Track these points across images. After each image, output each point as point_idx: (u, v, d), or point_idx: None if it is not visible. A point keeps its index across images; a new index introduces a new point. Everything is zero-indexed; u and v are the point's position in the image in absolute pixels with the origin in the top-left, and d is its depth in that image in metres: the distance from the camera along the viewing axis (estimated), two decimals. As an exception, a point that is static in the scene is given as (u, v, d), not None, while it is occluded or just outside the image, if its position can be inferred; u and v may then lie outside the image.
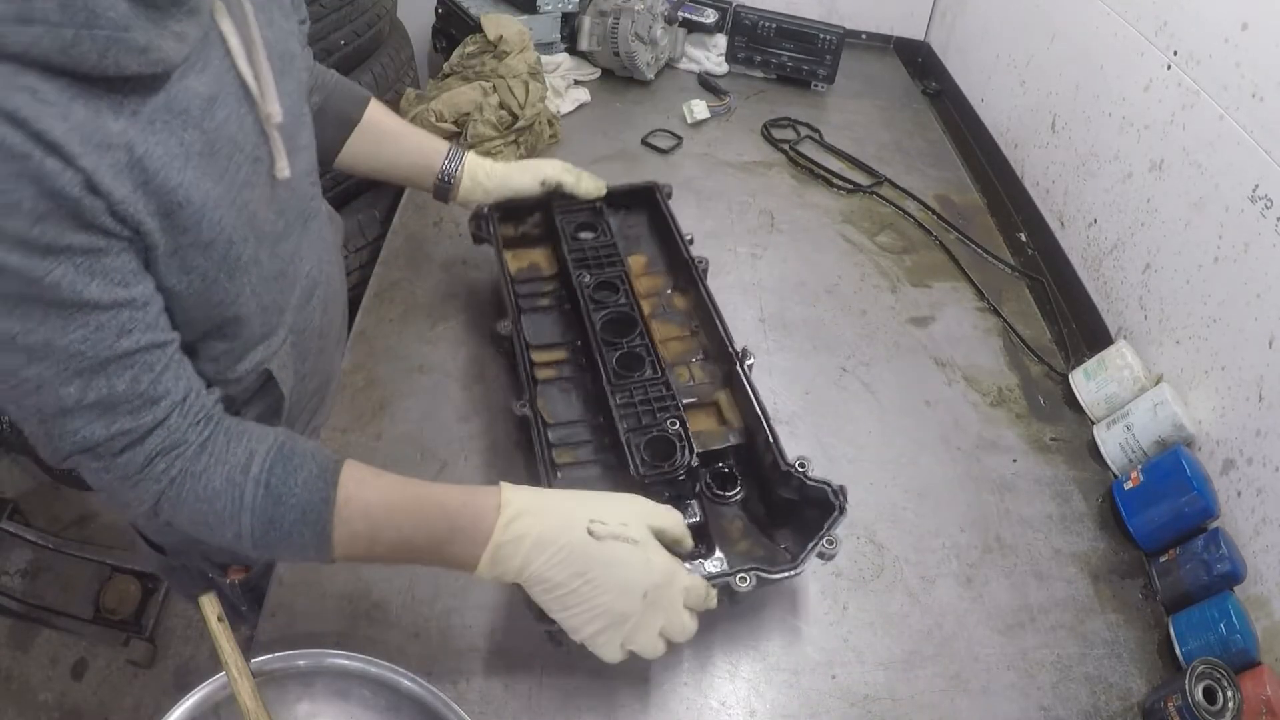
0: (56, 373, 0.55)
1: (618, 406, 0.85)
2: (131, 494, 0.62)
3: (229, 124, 0.62)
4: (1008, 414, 1.10)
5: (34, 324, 0.52)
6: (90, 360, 0.55)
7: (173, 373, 0.62)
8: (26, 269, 0.50)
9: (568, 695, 0.76)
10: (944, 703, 0.80)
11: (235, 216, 0.63)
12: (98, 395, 0.57)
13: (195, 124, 0.59)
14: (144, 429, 0.60)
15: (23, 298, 0.51)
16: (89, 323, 0.54)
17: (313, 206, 0.81)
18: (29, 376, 0.54)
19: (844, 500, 0.79)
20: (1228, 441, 0.94)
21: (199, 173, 0.59)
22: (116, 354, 0.56)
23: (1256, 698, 0.75)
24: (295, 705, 0.70)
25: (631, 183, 1.15)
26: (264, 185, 0.67)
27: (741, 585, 0.74)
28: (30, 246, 0.50)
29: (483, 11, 1.53)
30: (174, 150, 0.57)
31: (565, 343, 0.99)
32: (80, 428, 0.57)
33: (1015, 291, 1.31)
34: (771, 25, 1.69)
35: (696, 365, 0.98)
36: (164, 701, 1.37)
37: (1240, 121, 0.97)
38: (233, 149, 0.62)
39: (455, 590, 0.83)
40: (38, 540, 1.73)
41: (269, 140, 0.67)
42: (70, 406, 0.56)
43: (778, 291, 1.23)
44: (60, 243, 0.51)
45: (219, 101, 0.61)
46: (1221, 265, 0.98)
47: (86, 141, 0.50)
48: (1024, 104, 1.51)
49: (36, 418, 0.57)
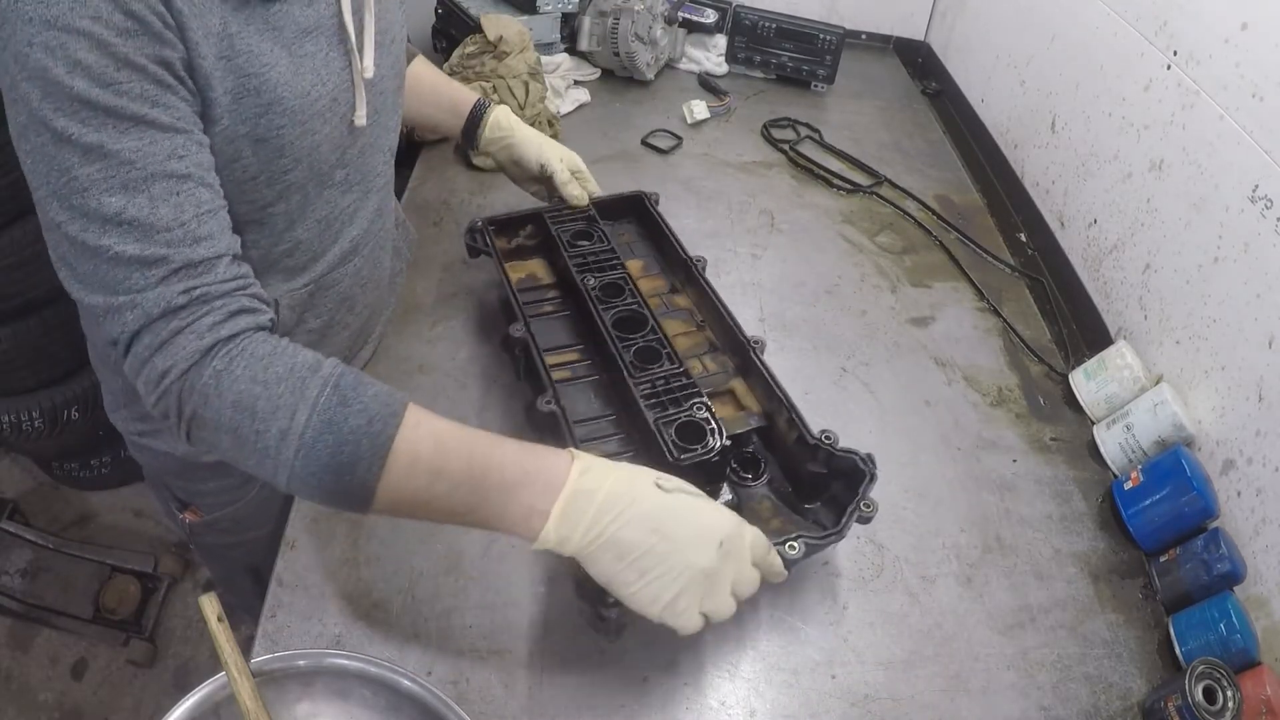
0: (105, 177, 0.56)
1: (642, 397, 0.86)
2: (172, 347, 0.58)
3: (315, 58, 0.67)
4: (1008, 414, 1.10)
5: (94, 126, 0.55)
6: (138, 173, 0.57)
7: (218, 222, 0.62)
8: (99, 71, 0.54)
9: (568, 695, 0.76)
10: (944, 703, 0.80)
11: (296, 133, 0.67)
12: (138, 212, 0.57)
13: (285, 45, 0.65)
14: (180, 262, 0.59)
15: (88, 99, 0.54)
16: (144, 136, 0.57)
17: (379, 183, 0.86)
18: (79, 175, 0.56)
19: (873, 467, 0.81)
20: (1228, 441, 0.94)
21: (279, 78, 0.64)
22: (165, 173, 0.58)
23: (1256, 698, 0.75)
24: (295, 705, 0.70)
25: (619, 192, 1.16)
26: (336, 127, 0.72)
27: (791, 553, 0.74)
28: (110, 53, 0.54)
29: (483, 11, 1.53)
30: (262, 50, 0.62)
31: (575, 345, 0.99)
32: (114, 243, 0.57)
33: (1015, 291, 1.31)
34: (771, 25, 1.69)
35: (707, 358, 0.99)
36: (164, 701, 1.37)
37: (1240, 121, 0.97)
38: (315, 79, 0.68)
39: (455, 590, 0.83)
40: (38, 540, 1.73)
41: (354, 89, 0.72)
42: (110, 216, 0.57)
43: (778, 291, 1.23)
44: (135, 60, 0.55)
45: (312, 36, 0.67)
46: (1221, 265, 0.98)
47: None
48: (1024, 104, 1.51)
49: (78, 227, 0.57)
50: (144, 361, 0.60)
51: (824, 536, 0.77)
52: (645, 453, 0.86)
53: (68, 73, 0.53)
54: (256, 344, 0.61)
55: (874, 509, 0.79)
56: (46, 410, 1.63)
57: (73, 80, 0.53)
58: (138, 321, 0.59)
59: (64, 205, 0.57)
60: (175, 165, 0.58)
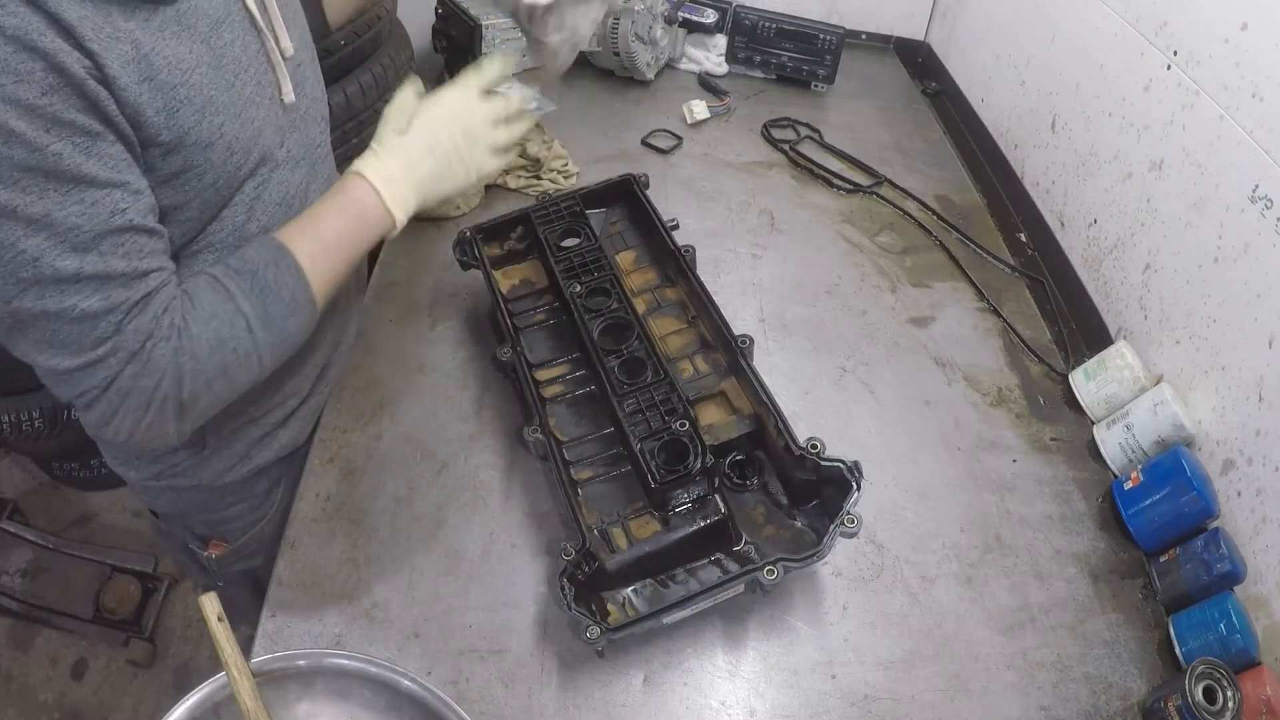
0: (54, 244, 0.58)
1: (626, 416, 0.85)
2: (149, 378, 0.64)
3: (234, 46, 0.69)
4: (1008, 414, 1.10)
5: (35, 195, 0.56)
6: (86, 234, 0.59)
7: (162, 255, 0.66)
8: (33, 137, 0.54)
9: (567, 695, 0.76)
10: (944, 703, 0.80)
11: (239, 127, 0.69)
12: (94, 269, 0.60)
13: (203, 39, 0.65)
14: (136, 299, 0.63)
15: (27, 167, 0.55)
16: (85, 198, 0.58)
17: (320, 153, 0.88)
18: (27, 248, 0.57)
19: (859, 476, 0.80)
20: (1228, 441, 0.94)
21: (204, 79, 0.65)
22: (111, 228, 0.60)
23: (1256, 698, 0.75)
24: (295, 705, 0.70)
25: (608, 179, 1.14)
26: (271, 108, 0.75)
27: (769, 578, 0.74)
28: (38, 115, 0.54)
29: (483, 12, 1.52)
30: (181, 55, 0.63)
31: (567, 357, 0.98)
32: (78, 302, 0.60)
33: (1015, 291, 1.31)
34: (771, 25, 1.69)
35: (699, 357, 0.98)
36: (164, 701, 1.37)
37: (1240, 121, 0.97)
38: (238, 68, 0.69)
39: (455, 590, 0.83)
40: (38, 540, 1.73)
41: (274, 68, 0.75)
42: (68, 278, 0.59)
43: (778, 291, 1.23)
44: (65, 117, 0.55)
45: (225, 24, 0.68)
46: (1221, 265, 0.98)
47: (97, 31, 0.56)
48: (1024, 104, 1.51)
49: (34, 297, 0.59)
50: (127, 392, 0.64)
51: (804, 557, 0.76)
52: (633, 473, 0.86)
53: (3, 143, 0.53)
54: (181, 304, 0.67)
55: (858, 524, 0.78)
56: (46, 410, 1.63)
57: (10, 150, 0.53)
58: (121, 363, 0.63)
59: (13, 280, 0.58)
60: (118, 220, 0.60)
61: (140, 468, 0.88)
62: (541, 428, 0.86)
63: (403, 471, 0.93)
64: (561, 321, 1.02)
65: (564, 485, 0.82)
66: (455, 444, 0.96)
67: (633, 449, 0.83)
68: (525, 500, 0.92)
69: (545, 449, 0.85)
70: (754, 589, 0.76)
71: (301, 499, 0.89)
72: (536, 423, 0.86)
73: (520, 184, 1.34)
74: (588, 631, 0.71)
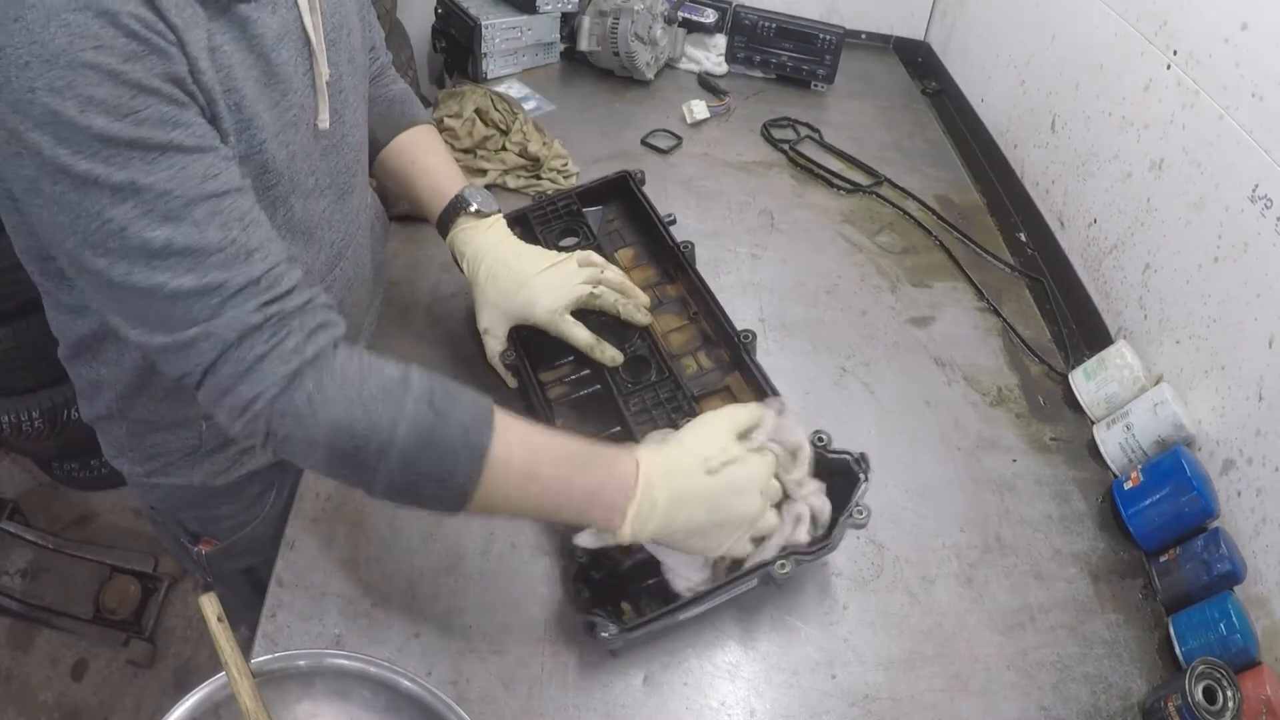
0: (142, 213, 0.54)
1: (633, 415, 0.85)
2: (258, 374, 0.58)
3: (287, 65, 0.66)
4: (1008, 414, 1.10)
5: (119, 163, 0.52)
6: (177, 201, 0.55)
7: (263, 231, 0.61)
8: (115, 102, 0.51)
9: (567, 695, 0.76)
10: (944, 703, 0.80)
11: (277, 146, 0.66)
12: (186, 240, 0.55)
13: (262, 53, 0.62)
14: (241, 282, 0.58)
15: (108, 135, 0.52)
16: (174, 164, 0.54)
17: (352, 182, 0.83)
18: (113, 217, 0.53)
19: (867, 467, 0.80)
20: (1228, 441, 0.94)
21: (256, 91, 0.62)
22: (204, 194, 0.56)
23: (1256, 698, 0.75)
24: (295, 705, 0.70)
25: (603, 176, 1.13)
26: (306, 134, 0.71)
27: (781, 571, 0.74)
28: (120, 80, 0.51)
29: (482, 13, 1.53)
30: (240, 61, 0.60)
31: (569, 357, 0.97)
32: (169, 279, 0.55)
33: (1015, 291, 1.31)
34: (771, 25, 1.69)
35: (702, 353, 0.98)
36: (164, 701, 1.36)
37: (1240, 121, 0.97)
38: (287, 87, 0.66)
39: (455, 590, 0.83)
40: (38, 540, 1.73)
41: (316, 92, 0.71)
42: (158, 250, 0.55)
43: (778, 291, 1.23)
44: (149, 83, 0.53)
45: (284, 42, 0.65)
46: (1221, 265, 0.98)
47: (179, 12, 0.54)
48: (1024, 104, 1.51)
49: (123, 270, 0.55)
50: (226, 390, 0.59)
51: (815, 550, 0.77)
52: None
53: (81, 111, 0.50)
54: (342, 361, 0.61)
55: (866, 515, 0.78)
56: (46, 410, 1.63)
57: (88, 118, 0.50)
58: (214, 351, 0.58)
59: (101, 251, 0.54)
60: (211, 185, 0.56)
61: (133, 462, 0.88)
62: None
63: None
64: None
65: None
66: (455, 444, 0.96)
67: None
68: (525, 500, 0.92)
69: None
70: (766, 583, 0.77)
71: (301, 499, 0.89)
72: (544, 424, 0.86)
73: (519, 184, 1.34)
74: (604, 631, 0.71)
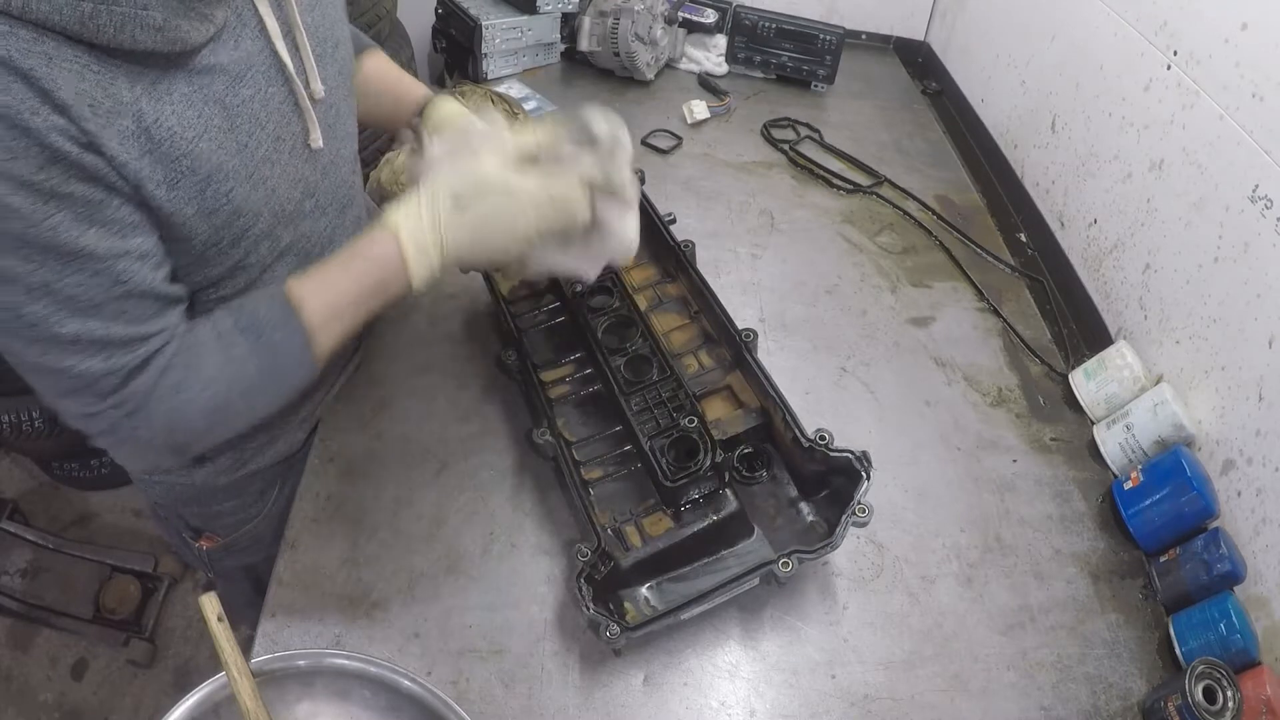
0: (54, 311, 0.57)
1: (634, 414, 0.86)
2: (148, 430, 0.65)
3: (253, 101, 0.65)
4: (1008, 414, 1.10)
5: (34, 265, 0.55)
6: (86, 302, 0.58)
7: (169, 314, 0.65)
8: (29, 211, 0.53)
9: (567, 695, 0.76)
10: (944, 703, 0.80)
11: (249, 190, 0.66)
12: (94, 334, 0.60)
13: (217, 99, 0.62)
14: (143, 356, 0.63)
15: (25, 239, 0.54)
16: (85, 269, 0.57)
17: (351, 194, 0.84)
18: (27, 313, 0.57)
19: (869, 466, 0.80)
20: (1228, 441, 0.94)
21: (213, 144, 0.62)
22: (113, 297, 0.60)
23: (1256, 698, 0.75)
24: (295, 705, 0.70)
25: None
26: (288, 162, 0.70)
27: (784, 570, 0.75)
28: (33, 189, 0.53)
29: (483, 13, 1.53)
30: (189, 121, 0.60)
31: (571, 357, 0.98)
32: (77, 364, 0.60)
33: (1015, 291, 1.31)
34: (771, 25, 1.69)
35: (703, 352, 0.98)
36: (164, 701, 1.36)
37: (1240, 121, 0.97)
38: (254, 125, 0.65)
39: (455, 590, 0.83)
40: (38, 540, 1.73)
41: (303, 114, 0.71)
42: (68, 340, 0.59)
43: (778, 291, 1.23)
44: (62, 190, 0.54)
45: (245, 79, 0.64)
46: (1221, 265, 0.98)
47: (96, 108, 0.54)
48: (1024, 104, 1.51)
49: (37, 353, 0.60)
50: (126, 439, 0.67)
51: (817, 548, 0.77)
52: (643, 470, 0.86)
53: (1, 217, 0.53)
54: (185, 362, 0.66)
55: (869, 513, 0.79)
56: (46, 410, 1.62)
57: (6, 224, 0.53)
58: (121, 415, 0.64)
59: (14, 336, 0.59)
60: (119, 290, 0.60)
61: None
62: (550, 429, 0.86)
63: (402, 471, 0.93)
64: (563, 322, 1.02)
65: (575, 486, 0.82)
66: (455, 444, 0.96)
67: (642, 447, 0.83)
68: (525, 500, 0.92)
69: (555, 450, 0.85)
70: (768, 581, 0.77)
71: (301, 499, 0.89)
72: (545, 425, 0.86)
73: None
74: (608, 631, 0.71)
